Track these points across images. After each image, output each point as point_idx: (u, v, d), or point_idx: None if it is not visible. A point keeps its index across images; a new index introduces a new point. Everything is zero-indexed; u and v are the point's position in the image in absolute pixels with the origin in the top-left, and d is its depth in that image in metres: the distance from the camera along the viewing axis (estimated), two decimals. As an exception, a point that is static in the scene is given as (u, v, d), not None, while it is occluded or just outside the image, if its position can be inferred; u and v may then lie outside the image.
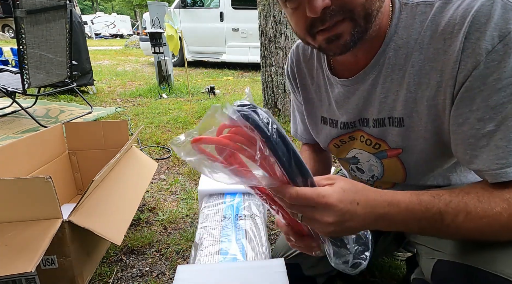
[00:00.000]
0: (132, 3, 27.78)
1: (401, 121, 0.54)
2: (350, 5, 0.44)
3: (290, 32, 2.17)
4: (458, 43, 0.42)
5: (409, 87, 0.50)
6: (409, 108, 0.52)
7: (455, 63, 0.43)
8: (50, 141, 1.25)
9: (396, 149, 0.58)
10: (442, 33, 0.45)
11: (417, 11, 0.48)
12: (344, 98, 0.61)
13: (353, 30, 0.47)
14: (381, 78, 0.53)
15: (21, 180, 0.76)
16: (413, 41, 0.48)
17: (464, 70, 0.42)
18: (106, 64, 6.38)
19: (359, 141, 0.63)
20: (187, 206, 1.38)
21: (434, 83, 0.47)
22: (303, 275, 0.81)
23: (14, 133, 2.29)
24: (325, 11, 0.44)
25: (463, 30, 0.42)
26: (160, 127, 2.43)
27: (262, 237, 0.82)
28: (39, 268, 0.83)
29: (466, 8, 0.42)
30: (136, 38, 11.06)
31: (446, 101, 0.46)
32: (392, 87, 0.53)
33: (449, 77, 0.45)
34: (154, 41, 3.55)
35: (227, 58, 5.85)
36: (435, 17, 0.46)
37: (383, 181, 0.67)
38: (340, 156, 0.71)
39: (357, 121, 0.62)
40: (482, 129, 0.42)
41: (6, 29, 14.27)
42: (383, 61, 0.52)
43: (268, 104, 2.39)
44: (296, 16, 0.49)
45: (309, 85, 0.70)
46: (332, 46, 0.49)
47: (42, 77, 2.42)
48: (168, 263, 1.05)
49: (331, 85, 0.64)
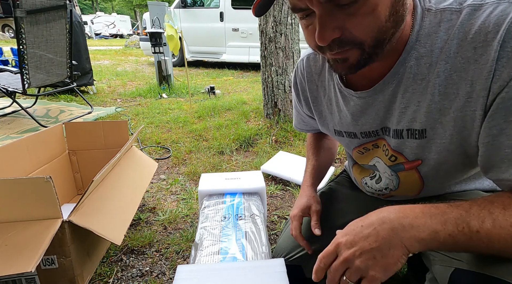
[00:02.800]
0: (132, 3, 27.77)
1: (423, 132, 0.52)
2: (360, 38, 0.43)
3: (290, 32, 2.17)
4: (492, 53, 0.40)
5: (434, 97, 0.48)
6: (433, 119, 0.50)
7: (489, 73, 0.41)
8: (50, 141, 1.25)
9: (416, 161, 0.56)
10: (472, 41, 0.42)
11: (442, 18, 0.46)
12: (362, 110, 0.59)
13: (360, 57, 0.46)
14: (401, 88, 0.51)
15: (21, 180, 0.76)
16: (437, 49, 0.46)
17: (499, 81, 0.40)
18: (106, 64, 6.38)
19: (381, 150, 0.62)
20: (187, 206, 1.38)
21: (463, 93, 0.45)
22: (305, 278, 0.80)
23: (14, 133, 2.29)
24: (334, 41, 0.44)
25: (497, 39, 0.39)
26: (160, 127, 2.43)
27: (262, 237, 0.82)
28: (39, 268, 0.83)
29: (500, 15, 0.40)
30: (136, 38, 11.06)
31: (477, 112, 0.44)
32: (413, 98, 0.51)
33: (481, 88, 0.42)
34: (154, 41, 3.54)
35: (227, 58, 5.84)
36: (463, 24, 0.43)
37: (397, 193, 0.66)
38: (363, 162, 0.70)
39: (379, 130, 0.60)
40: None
41: (6, 29, 14.26)
42: (403, 71, 0.50)
43: (268, 104, 2.39)
44: (307, 32, 0.48)
45: (321, 98, 0.69)
46: (339, 66, 0.49)
47: (42, 77, 2.42)
48: (168, 263, 1.05)
49: (344, 98, 0.62)
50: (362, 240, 0.43)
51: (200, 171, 1.70)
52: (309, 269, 0.80)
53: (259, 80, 2.84)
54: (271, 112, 2.38)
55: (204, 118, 2.65)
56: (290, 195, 1.49)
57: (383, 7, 0.42)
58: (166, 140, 2.16)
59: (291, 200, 1.45)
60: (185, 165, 1.81)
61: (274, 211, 1.35)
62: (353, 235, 0.44)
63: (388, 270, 0.42)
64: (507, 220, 0.39)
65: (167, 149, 2.03)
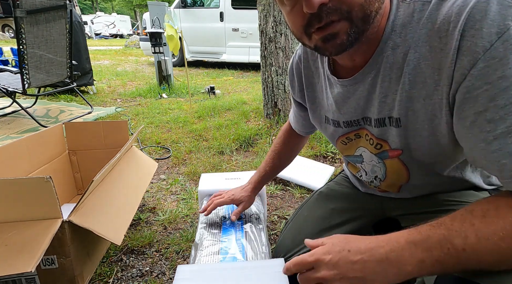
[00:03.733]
0: (132, 3, 27.77)
1: (398, 121, 0.53)
2: (348, 4, 0.44)
3: (290, 32, 2.17)
4: (454, 41, 0.41)
5: (404, 86, 0.49)
6: (405, 107, 0.51)
7: (451, 62, 0.42)
8: (50, 141, 1.25)
9: (396, 150, 0.57)
10: (438, 31, 0.44)
11: (415, 8, 0.47)
12: (344, 98, 0.61)
13: (349, 30, 0.46)
14: (380, 77, 0.53)
15: (21, 180, 0.76)
16: (410, 39, 0.48)
17: (461, 69, 0.41)
18: (106, 64, 6.38)
19: (364, 139, 0.63)
20: (187, 206, 1.38)
21: (432, 81, 0.46)
22: None
23: (14, 133, 2.29)
24: (322, 8, 0.44)
25: (458, 28, 0.40)
26: (160, 127, 2.43)
27: (262, 237, 0.82)
28: (39, 268, 0.83)
29: (461, 6, 0.41)
30: (136, 38, 11.06)
31: (443, 100, 0.45)
32: (391, 87, 0.52)
33: (445, 76, 0.44)
34: (154, 41, 3.54)
35: (227, 58, 5.85)
36: (431, 14, 0.45)
37: (387, 182, 0.67)
38: (348, 153, 0.71)
39: (360, 119, 0.61)
40: (493, 131, 0.39)
41: (6, 29, 14.26)
42: (381, 60, 0.51)
43: (268, 104, 2.39)
44: (293, 15, 0.49)
45: (315, 84, 0.70)
46: (328, 46, 0.49)
47: (42, 77, 2.42)
48: (168, 263, 1.05)
49: (331, 85, 0.63)
50: (346, 266, 0.43)
51: (200, 171, 1.70)
52: None
53: (259, 80, 2.84)
54: (271, 112, 2.38)
55: (204, 118, 2.65)
56: (290, 195, 1.49)
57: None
58: (166, 140, 2.16)
59: (291, 200, 1.45)
60: (185, 165, 1.81)
61: (274, 211, 1.35)
62: (337, 258, 0.44)
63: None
64: (489, 228, 0.38)
65: (167, 149, 2.03)
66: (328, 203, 0.84)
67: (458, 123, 0.45)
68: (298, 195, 1.48)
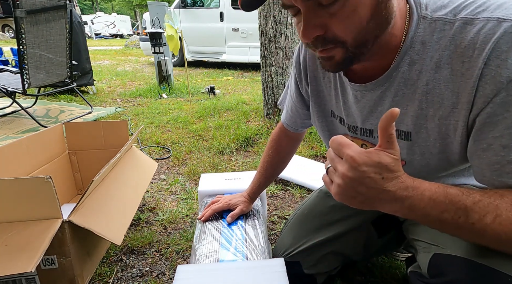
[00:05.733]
0: (132, 3, 27.79)
1: (409, 135, 0.54)
2: (342, 37, 0.45)
3: (290, 32, 2.17)
4: (477, 69, 0.42)
5: (421, 104, 0.50)
6: (419, 124, 0.52)
7: (472, 88, 0.43)
8: (50, 141, 1.25)
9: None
10: (461, 55, 0.44)
11: (436, 27, 0.47)
12: (352, 102, 0.61)
13: (345, 55, 0.47)
14: (392, 91, 0.53)
15: (21, 180, 0.76)
16: (428, 58, 0.48)
17: (483, 96, 0.42)
18: (106, 64, 6.38)
19: None
20: (187, 206, 1.38)
21: (449, 104, 0.47)
22: (303, 273, 0.81)
23: (14, 133, 2.29)
24: (317, 38, 0.45)
25: (482, 56, 0.41)
26: (160, 127, 2.43)
27: (262, 237, 0.82)
28: (39, 268, 0.83)
29: (488, 33, 0.41)
30: (136, 38, 11.06)
31: (459, 123, 0.47)
32: (402, 102, 0.52)
33: (465, 100, 0.44)
34: (154, 41, 3.54)
35: (227, 58, 5.85)
36: (454, 37, 0.45)
37: None
38: None
39: (358, 128, 0.62)
40: (507, 156, 0.42)
41: (6, 29, 14.27)
42: (396, 75, 0.52)
43: (268, 104, 2.39)
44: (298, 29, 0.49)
45: (320, 78, 0.70)
46: (326, 64, 0.50)
47: (42, 77, 2.42)
48: (168, 263, 1.05)
49: (342, 84, 0.64)
50: (370, 186, 0.41)
51: (200, 171, 1.70)
52: (307, 265, 0.81)
53: (259, 80, 2.84)
54: (271, 112, 2.38)
55: (204, 118, 2.65)
56: (290, 195, 1.49)
57: (363, 9, 0.43)
58: (166, 140, 2.16)
59: (291, 200, 1.45)
60: (185, 165, 1.81)
61: (274, 211, 1.35)
62: (362, 181, 0.42)
63: (361, 201, 0.43)
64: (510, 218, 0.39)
65: (167, 149, 2.03)
66: (328, 200, 0.85)
67: (473, 145, 0.46)
68: (298, 195, 1.48)
